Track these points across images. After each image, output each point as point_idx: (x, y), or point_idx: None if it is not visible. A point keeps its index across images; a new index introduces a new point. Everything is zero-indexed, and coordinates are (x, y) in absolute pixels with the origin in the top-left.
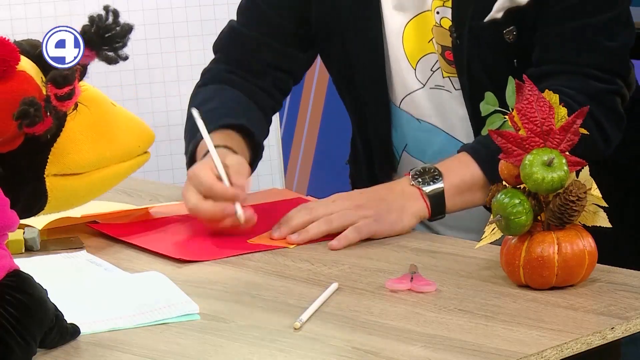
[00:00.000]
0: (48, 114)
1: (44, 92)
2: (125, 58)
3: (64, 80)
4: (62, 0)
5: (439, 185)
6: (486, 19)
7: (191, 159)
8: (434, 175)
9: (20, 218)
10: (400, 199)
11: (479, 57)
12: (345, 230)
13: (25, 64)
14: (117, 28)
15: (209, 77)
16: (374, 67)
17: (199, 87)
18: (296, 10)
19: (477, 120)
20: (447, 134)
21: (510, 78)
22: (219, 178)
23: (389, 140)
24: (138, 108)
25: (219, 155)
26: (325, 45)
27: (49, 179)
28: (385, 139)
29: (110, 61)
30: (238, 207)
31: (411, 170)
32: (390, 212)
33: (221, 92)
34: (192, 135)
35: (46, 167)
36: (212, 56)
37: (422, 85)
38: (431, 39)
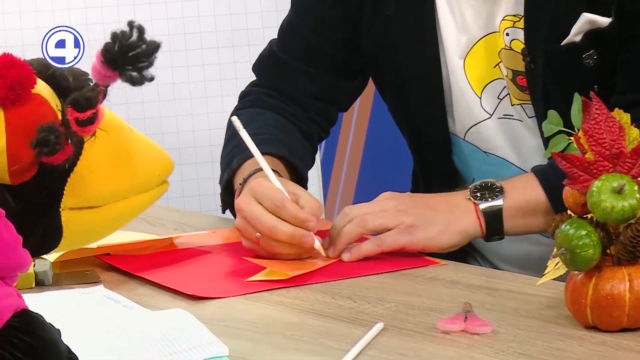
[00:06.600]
0: (69, 141)
1: (59, 117)
2: (151, 79)
3: (87, 102)
4: (60, 10)
5: (497, 202)
6: (564, 43)
7: (227, 189)
8: (496, 191)
9: (33, 256)
10: (450, 212)
11: (555, 83)
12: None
13: (40, 87)
14: (143, 46)
15: (247, 100)
16: (431, 96)
17: (237, 110)
18: (343, 36)
19: None
20: (518, 167)
21: (577, 95)
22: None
23: (451, 175)
24: (161, 127)
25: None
26: (378, 74)
27: (65, 212)
28: (447, 174)
29: (135, 82)
30: (316, 239)
31: (472, 184)
32: (432, 225)
33: (261, 117)
34: (227, 162)
35: (62, 200)
36: (243, 69)
37: (489, 115)
38: (498, 64)
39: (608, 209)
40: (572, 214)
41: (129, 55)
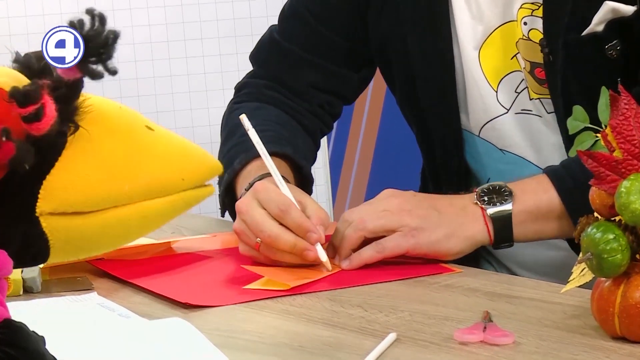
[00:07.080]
0: (3, 138)
1: None
2: (114, 72)
3: (24, 98)
4: None
5: (506, 207)
6: (585, 33)
7: (228, 191)
8: (504, 195)
9: (21, 266)
10: (457, 216)
11: (576, 76)
12: (383, 235)
13: (6, 79)
14: (101, 36)
15: (245, 93)
16: (443, 89)
17: (234, 103)
18: (348, 27)
19: None
20: (537, 166)
21: (604, 89)
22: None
23: (463, 174)
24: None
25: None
26: (386, 66)
27: (45, 218)
28: (458, 173)
29: (95, 76)
30: (321, 251)
31: (479, 187)
32: (438, 228)
33: (262, 112)
34: (228, 162)
35: (37, 204)
36: (245, 60)
37: (506, 110)
38: (515, 55)
39: (637, 211)
40: (599, 217)
41: (89, 46)
